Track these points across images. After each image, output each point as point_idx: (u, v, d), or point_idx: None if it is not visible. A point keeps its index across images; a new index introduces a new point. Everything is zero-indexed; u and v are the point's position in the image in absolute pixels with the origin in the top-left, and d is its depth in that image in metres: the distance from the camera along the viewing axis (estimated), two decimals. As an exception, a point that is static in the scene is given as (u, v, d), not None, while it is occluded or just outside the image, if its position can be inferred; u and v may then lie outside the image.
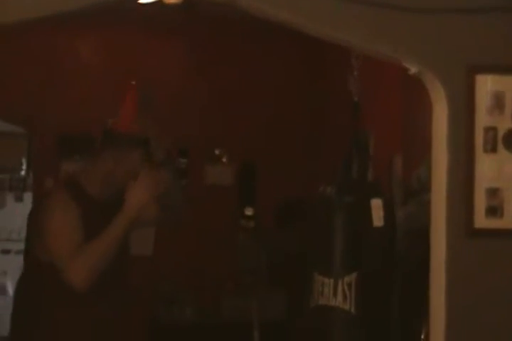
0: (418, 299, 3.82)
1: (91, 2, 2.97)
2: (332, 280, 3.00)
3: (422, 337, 4.13)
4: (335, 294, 2.98)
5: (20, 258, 7.25)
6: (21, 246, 7.46)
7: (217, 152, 7.13)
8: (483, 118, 3.02)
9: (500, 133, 3.02)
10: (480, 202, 3.02)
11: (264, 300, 6.28)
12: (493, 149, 3.02)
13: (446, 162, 3.07)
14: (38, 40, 6.98)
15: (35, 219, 3.22)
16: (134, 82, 3.39)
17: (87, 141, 7.15)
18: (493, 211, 3.01)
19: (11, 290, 7.04)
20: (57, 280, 3.08)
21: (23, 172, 7.77)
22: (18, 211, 7.68)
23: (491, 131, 3.02)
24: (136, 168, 3.17)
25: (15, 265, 7.15)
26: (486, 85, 3.02)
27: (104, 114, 7.06)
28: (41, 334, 3.26)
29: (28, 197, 7.61)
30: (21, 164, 7.81)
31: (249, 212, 6.84)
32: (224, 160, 7.13)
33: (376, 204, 2.98)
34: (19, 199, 7.74)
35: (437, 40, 3.05)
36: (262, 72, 7.29)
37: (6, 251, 7.68)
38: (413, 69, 3.10)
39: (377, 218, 2.98)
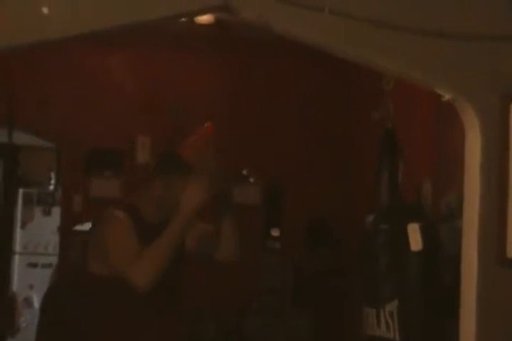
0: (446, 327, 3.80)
1: (129, 22, 3.00)
2: (374, 310, 2.98)
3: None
4: (378, 324, 2.96)
5: (47, 272, 7.33)
6: (48, 259, 7.57)
7: (244, 172, 7.13)
8: (517, 147, 3.00)
9: (534, 162, 2.99)
10: (512, 232, 2.99)
11: (289, 321, 6.26)
12: (527, 178, 2.99)
13: (479, 190, 3.04)
14: (70, 57, 7.04)
15: (93, 239, 3.26)
16: (209, 124, 3.42)
17: (115, 157, 7.20)
18: (526, 240, 2.98)
19: (36, 303, 7.07)
20: (110, 293, 3.12)
21: (51, 187, 7.81)
22: (46, 225, 7.72)
23: (524, 159, 2.99)
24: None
25: (41, 278, 7.19)
26: (521, 114, 3.00)
27: (134, 130, 7.14)
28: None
29: (55, 211, 7.64)
30: (50, 178, 7.86)
31: (275, 233, 6.82)
32: (251, 180, 7.13)
33: (412, 229, 2.96)
34: (47, 213, 7.77)
35: (472, 68, 3.04)
36: (291, 94, 7.30)
37: (33, 265, 7.71)
38: (447, 96, 3.09)
39: (415, 242, 2.95)
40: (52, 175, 7.84)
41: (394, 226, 2.99)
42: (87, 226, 6.73)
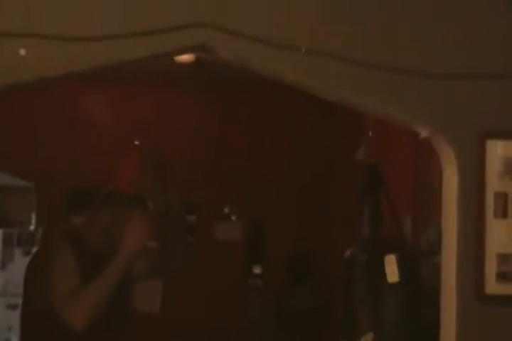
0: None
1: (106, 62, 3.02)
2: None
3: None
4: None
5: (27, 314, 7.24)
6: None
7: (226, 210, 7.13)
8: (493, 183, 3.02)
9: (511, 199, 3.01)
10: (491, 268, 3.00)
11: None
12: (504, 214, 3.01)
13: (456, 226, 3.06)
14: (49, 96, 7.05)
15: (34, 268, 3.29)
16: (137, 142, 3.46)
17: (94, 196, 7.16)
18: (504, 277, 2.99)
19: (16, 345, 6.98)
20: (55, 326, 3.12)
21: (32, 227, 7.76)
22: (26, 266, 7.65)
23: (501, 196, 3.01)
24: (136, 224, 3.25)
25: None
26: (497, 150, 3.03)
27: (114, 169, 7.13)
28: None
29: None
30: (31, 218, 7.80)
31: (257, 270, 6.80)
32: (233, 218, 7.13)
33: (389, 260, 2.95)
34: (27, 253, 7.70)
35: (448, 105, 3.07)
36: (272, 131, 7.34)
37: (12, 307, 7.61)
38: (424, 133, 3.12)
39: (391, 274, 2.94)
40: (33, 214, 7.79)
41: (372, 258, 3.00)
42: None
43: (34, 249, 7.58)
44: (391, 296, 2.95)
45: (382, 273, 2.96)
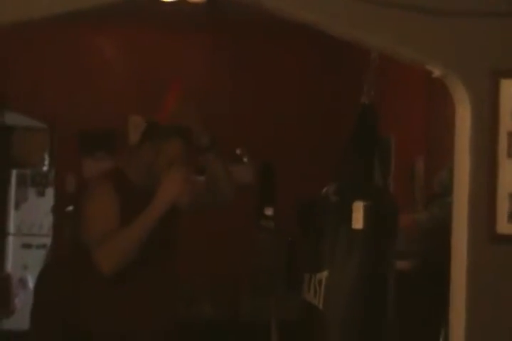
0: (438, 300, 3.81)
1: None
2: (308, 276, 3.04)
3: (441, 340, 4.12)
4: (309, 289, 3.01)
5: (41, 253, 7.33)
6: (42, 240, 7.56)
7: (238, 152, 7.12)
8: (507, 123, 3.00)
9: (525, 139, 2.99)
10: (502, 208, 2.99)
11: (283, 301, 6.27)
12: (517, 154, 2.99)
13: (469, 166, 3.04)
14: (60, 38, 7.01)
15: (77, 204, 3.26)
16: (178, 77, 3.44)
17: (108, 138, 7.20)
18: (516, 216, 2.98)
19: (31, 284, 7.09)
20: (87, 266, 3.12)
21: (45, 168, 7.80)
22: (40, 206, 7.71)
23: (515, 136, 2.99)
24: (179, 157, 3.22)
25: (36, 259, 7.20)
26: (510, 90, 2.99)
27: (126, 110, 7.13)
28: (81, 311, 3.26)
29: (49, 192, 7.64)
30: (43, 159, 7.84)
31: (269, 211, 6.82)
32: (245, 159, 7.13)
33: (357, 207, 2.96)
34: (41, 194, 7.76)
35: (462, 44, 3.03)
36: (283, 73, 7.28)
37: (27, 246, 7.71)
38: (437, 72, 3.08)
39: (356, 220, 2.96)
40: (46, 155, 7.83)
41: (343, 201, 3.01)
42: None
43: (47, 189, 7.65)
44: (352, 240, 2.97)
45: (350, 217, 2.98)
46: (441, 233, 3.57)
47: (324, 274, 2.98)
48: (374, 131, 3.07)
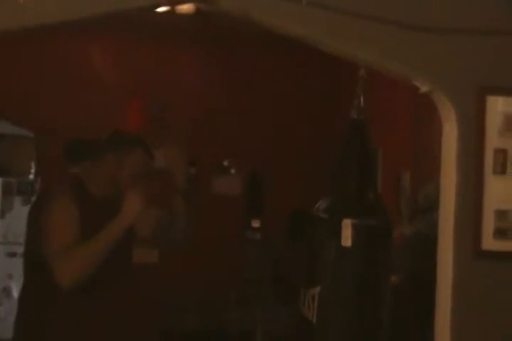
0: (423, 313, 3.82)
1: (107, 10, 2.98)
2: (302, 290, 3.06)
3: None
4: (303, 303, 3.02)
5: (26, 263, 7.30)
6: (26, 249, 7.53)
7: (225, 163, 7.12)
8: (493, 140, 3.01)
9: (510, 155, 3.00)
10: (488, 224, 3.00)
11: (269, 312, 6.27)
12: (503, 171, 3.01)
13: (455, 182, 3.05)
14: (50, 47, 7.00)
15: (35, 215, 3.24)
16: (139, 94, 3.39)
17: (95, 146, 7.16)
18: (502, 233, 2.99)
19: (15, 293, 7.04)
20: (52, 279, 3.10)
21: (31, 176, 7.76)
22: (25, 215, 7.68)
23: (500, 152, 3.00)
24: (141, 169, 3.20)
25: (20, 268, 7.16)
26: (497, 107, 3.00)
27: (113, 120, 7.12)
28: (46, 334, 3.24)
29: (35, 201, 7.61)
30: (30, 168, 7.80)
31: (256, 223, 6.82)
32: (232, 171, 7.13)
33: (345, 224, 2.97)
34: (27, 203, 7.71)
35: (449, 60, 3.04)
36: (272, 84, 7.30)
37: (12, 254, 7.66)
38: (424, 88, 3.10)
39: (345, 238, 2.97)
40: (32, 164, 7.79)
41: (332, 218, 3.01)
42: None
43: (33, 198, 7.61)
44: (342, 257, 2.99)
45: (339, 235, 2.99)
46: (426, 248, 3.57)
47: (317, 290, 2.99)
48: (365, 146, 3.08)
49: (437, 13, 3.03)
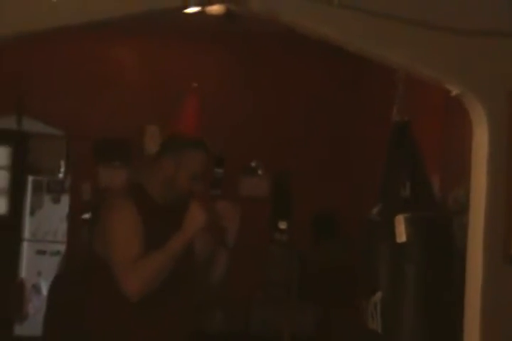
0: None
1: (136, 11, 2.99)
2: (364, 301, 2.99)
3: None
4: (366, 314, 2.96)
5: (55, 259, 7.35)
6: (56, 247, 7.59)
7: (253, 164, 7.12)
8: (524, 142, 2.98)
9: (542, 158, 2.97)
10: (519, 228, 2.97)
11: (296, 314, 6.25)
12: (534, 174, 2.97)
13: (486, 185, 3.02)
14: (80, 47, 7.05)
15: (96, 220, 3.20)
16: (195, 85, 3.34)
17: (123, 147, 7.21)
18: (532, 237, 2.96)
19: (45, 290, 7.10)
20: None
21: (60, 175, 7.83)
22: (55, 213, 7.74)
23: (532, 155, 2.97)
24: (198, 170, 3.15)
25: (49, 266, 7.21)
26: (529, 110, 2.97)
27: (143, 120, 7.14)
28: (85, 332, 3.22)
29: (65, 199, 7.66)
30: (60, 166, 7.87)
31: (282, 225, 6.80)
32: (259, 172, 7.12)
33: (398, 220, 2.94)
34: (56, 201, 7.79)
35: (481, 63, 3.02)
36: (301, 85, 7.28)
37: (42, 252, 7.73)
38: (455, 91, 3.07)
39: (399, 234, 2.93)
40: (62, 163, 7.86)
41: (386, 218, 2.98)
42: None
43: (63, 197, 7.67)
44: (399, 256, 2.93)
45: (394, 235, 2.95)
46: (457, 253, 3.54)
47: (378, 296, 2.92)
48: (414, 147, 3.06)
49: (470, 15, 3.00)
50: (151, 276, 2.98)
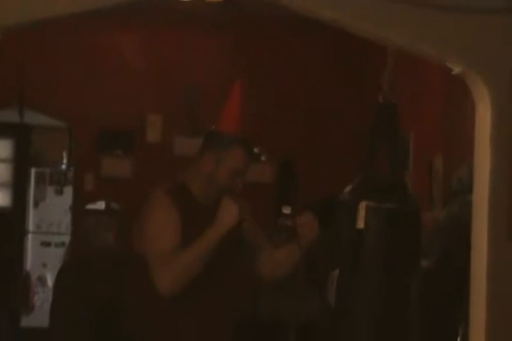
0: (457, 299, 3.80)
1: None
2: (325, 275, 3.13)
3: (459, 339, 4.11)
4: (326, 287, 3.09)
5: (60, 251, 7.37)
6: (61, 238, 7.61)
7: (256, 150, 7.12)
8: (527, 121, 2.98)
9: (545, 136, 2.98)
10: (524, 205, 2.98)
11: (302, 300, 6.26)
12: (538, 152, 2.98)
13: (489, 164, 3.03)
14: (80, 36, 7.04)
15: (137, 217, 3.18)
16: (238, 81, 3.34)
17: (126, 136, 7.22)
18: (537, 214, 2.97)
19: (50, 281, 7.12)
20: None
21: (63, 166, 7.84)
22: (58, 204, 7.75)
23: (535, 133, 2.97)
24: (239, 167, 3.11)
25: (54, 257, 7.23)
26: (532, 87, 2.98)
27: (145, 109, 7.14)
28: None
29: (68, 190, 7.67)
30: (62, 158, 7.88)
31: (287, 210, 6.81)
32: (263, 158, 7.13)
33: (361, 207, 2.97)
34: (59, 192, 7.79)
35: (483, 41, 3.02)
36: (302, 71, 7.28)
37: (46, 244, 7.75)
38: (456, 70, 3.07)
39: (360, 220, 2.98)
40: (64, 154, 7.86)
41: (353, 201, 3.02)
42: (98, 204, 6.80)
43: (66, 188, 7.68)
44: (357, 240, 2.99)
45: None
46: (460, 232, 3.55)
47: (336, 273, 3.01)
48: (394, 130, 3.07)
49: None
50: (184, 271, 2.95)
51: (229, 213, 3.00)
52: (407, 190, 3.08)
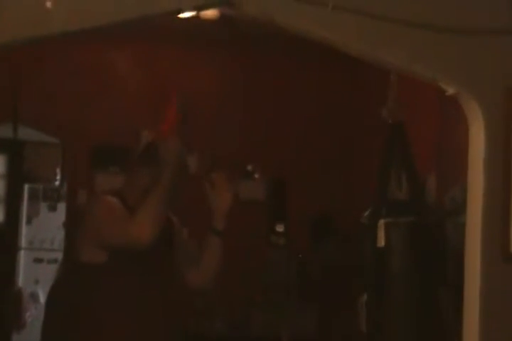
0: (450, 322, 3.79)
1: (131, 16, 3.00)
2: (357, 301, 3.05)
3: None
4: (357, 314, 3.02)
5: (53, 267, 7.34)
6: (54, 255, 7.58)
7: (249, 168, 7.12)
8: (521, 141, 2.99)
9: (538, 157, 2.98)
10: (516, 226, 2.98)
11: (295, 317, 6.26)
12: (531, 173, 2.98)
13: (483, 184, 3.04)
14: (75, 52, 7.04)
15: (78, 224, 3.22)
16: (176, 93, 3.38)
17: (121, 153, 7.21)
18: (530, 235, 2.97)
19: (42, 298, 7.08)
20: (98, 282, 3.10)
21: (57, 183, 7.81)
22: (51, 221, 7.72)
23: (528, 154, 2.98)
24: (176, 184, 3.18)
25: (47, 274, 7.20)
26: (525, 108, 2.98)
27: (138, 126, 7.14)
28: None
29: (61, 207, 7.64)
30: (55, 174, 7.86)
31: (280, 228, 6.81)
32: (256, 176, 7.13)
33: (380, 225, 2.97)
34: (52, 209, 7.76)
35: (476, 62, 3.04)
36: (297, 90, 7.29)
37: (39, 260, 7.71)
38: (450, 91, 3.09)
39: (380, 238, 2.97)
40: (58, 170, 7.85)
41: (372, 222, 3.02)
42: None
43: (59, 204, 7.66)
44: (383, 261, 2.98)
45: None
46: (454, 253, 3.55)
47: (364, 297, 2.98)
48: (407, 147, 3.08)
49: (463, 15, 3.02)
50: (154, 217, 3.00)
51: (169, 148, 3.09)
52: (425, 203, 3.08)
